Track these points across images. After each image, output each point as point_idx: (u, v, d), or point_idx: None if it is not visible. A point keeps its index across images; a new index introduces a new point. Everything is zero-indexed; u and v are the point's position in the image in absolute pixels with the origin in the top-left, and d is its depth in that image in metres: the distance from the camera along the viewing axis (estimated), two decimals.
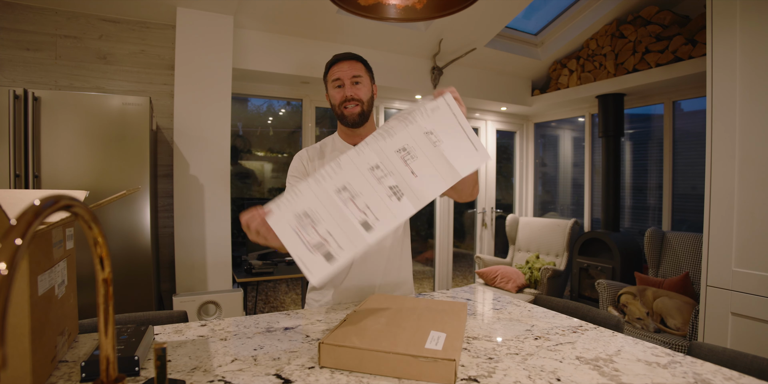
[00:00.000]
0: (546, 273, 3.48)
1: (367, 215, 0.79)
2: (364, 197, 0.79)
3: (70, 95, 1.91)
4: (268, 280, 2.88)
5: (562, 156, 4.62)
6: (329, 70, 1.27)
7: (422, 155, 0.81)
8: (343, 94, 1.24)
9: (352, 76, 1.23)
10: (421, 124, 0.82)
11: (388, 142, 0.81)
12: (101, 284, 0.48)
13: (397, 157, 0.81)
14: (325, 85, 1.31)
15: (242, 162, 3.69)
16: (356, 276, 1.30)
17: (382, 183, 0.80)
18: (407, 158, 0.81)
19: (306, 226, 0.78)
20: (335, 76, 1.24)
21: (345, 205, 0.79)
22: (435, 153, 0.82)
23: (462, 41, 3.39)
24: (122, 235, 2.01)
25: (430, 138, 0.82)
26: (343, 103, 1.23)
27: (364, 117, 1.25)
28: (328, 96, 1.31)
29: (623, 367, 0.79)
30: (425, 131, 0.82)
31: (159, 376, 0.61)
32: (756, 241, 1.87)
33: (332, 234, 0.77)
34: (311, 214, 0.79)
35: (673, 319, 2.49)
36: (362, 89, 1.25)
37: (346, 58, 1.26)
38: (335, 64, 1.26)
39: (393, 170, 0.80)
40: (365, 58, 1.30)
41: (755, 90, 1.89)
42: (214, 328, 0.99)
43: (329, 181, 0.80)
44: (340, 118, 1.27)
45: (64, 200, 0.40)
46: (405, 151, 0.80)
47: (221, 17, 2.61)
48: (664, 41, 3.06)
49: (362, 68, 1.26)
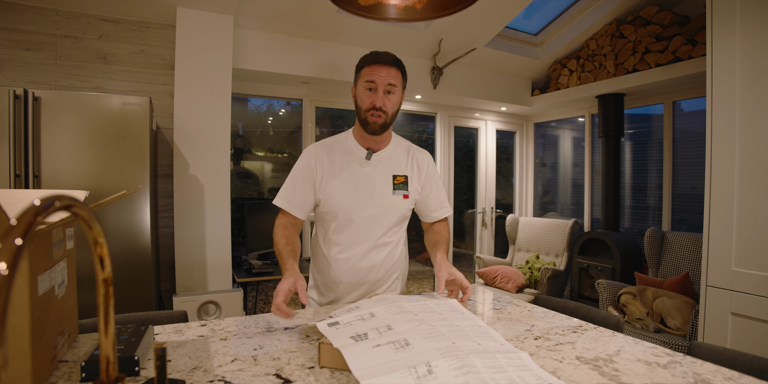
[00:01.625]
0: (546, 273, 3.48)
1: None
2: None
3: (70, 95, 1.91)
4: (268, 280, 2.88)
5: (562, 156, 4.62)
6: (365, 67, 1.22)
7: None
8: (372, 100, 1.20)
9: (388, 83, 1.19)
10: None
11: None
12: (101, 284, 0.48)
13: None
14: (356, 77, 1.26)
15: (242, 162, 3.69)
16: (356, 275, 1.30)
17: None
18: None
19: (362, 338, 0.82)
20: (370, 77, 1.20)
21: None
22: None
23: (462, 41, 3.39)
24: (122, 235, 2.01)
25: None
26: (370, 110, 1.21)
27: (385, 127, 1.24)
28: (354, 89, 1.27)
29: (623, 367, 0.79)
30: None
31: (159, 376, 0.61)
32: (756, 241, 1.87)
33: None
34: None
35: (673, 319, 2.49)
36: (392, 100, 1.22)
37: (387, 62, 1.21)
38: (374, 65, 1.20)
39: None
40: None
41: (755, 90, 1.89)
42: (214, 328, 0.99)
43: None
44: (362, 122, 1.24)
45: (64, 200, 0.40)
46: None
47: (221, 17, 2.61)
48: (664, 41, 3.06)
49: (399, 77, 1.22)
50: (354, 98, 1.28)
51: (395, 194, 1.29)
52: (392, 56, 1.23)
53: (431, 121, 4.25)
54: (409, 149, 1.37)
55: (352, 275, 1.30)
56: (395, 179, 1.30)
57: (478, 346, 0.80)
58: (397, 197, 1.29)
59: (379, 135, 1.25)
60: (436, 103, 4.08)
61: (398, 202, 1.30)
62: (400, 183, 1.30)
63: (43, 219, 0.36)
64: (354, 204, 1.25)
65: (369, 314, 0.92)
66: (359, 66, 1.25)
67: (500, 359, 0.77)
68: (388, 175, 1.30)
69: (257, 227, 3.00)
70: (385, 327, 0.85)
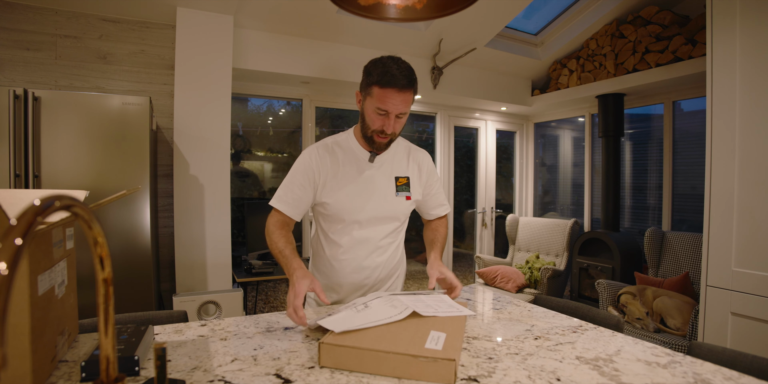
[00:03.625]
0: (546, 273, 3.48)
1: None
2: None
3: (70, 95, 1.91)
4: (268, 280, 2.88)
5: (562, 156, 4.62)
6: (378, 88, 1.13)
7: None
8: (382, 124, 1.17)
9: (400, 112, 1.16)
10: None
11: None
12: (101, 284, 0.48)
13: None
14: (366, 92, 1.18)
15: (242, 162, 3.69)
16: (359, 276, 1.30)
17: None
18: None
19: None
20: (383, 104, 1.13)
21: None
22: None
23: (462, 41, 3.39)
24: (122, 235, 2.01)
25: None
26: (379, 133, 1.19)
27: (389, 144, 1.25)
28: (360, 96, 1.22)
29: (623, 367, 0.79)
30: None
31: (159, 376, 0.61)
32: (756, 241, 1.87)
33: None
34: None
35: (673, 319, 2.49)
36: (401, 122, 1.21)
37: (403, 86, 1.12)
38: (388, 89, 1.12)
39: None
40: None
41: (755, 90, 1.89)
42: (214, 328, 0.99)
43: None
44: (367, 139, 1.23)
45: (64, 200, 0.40)
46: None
47: (221, 17, 2.61)
48: (664, 41, 3.06)
49: (411, 100, 1.18)
50: (360, 107, 1.23)
51: (398, 196, 1.30)
52: (407, 76, 1.13)
53: (431, 121, 4.25)
54: (409, 150, 1.37)
55: (355, 276, 1.30)
56: (398, 181, 1.30)
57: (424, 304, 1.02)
58: (400, 199, 1.30)
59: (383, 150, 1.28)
60: (436, 103, 4.08)
61: (401, 204, 1.30)
62: (403, 184, 1.31)
63: (43, 219, 0.36)
64: (359, 207, 1.25)
65: (363, 306, 0.99)
66: (371, 81, 1.15)
67: (425, 299, 1.05)
68: (390, 177, 1.30)
69: (257, 227, 3.00)
70: (363, 305, 1.00)
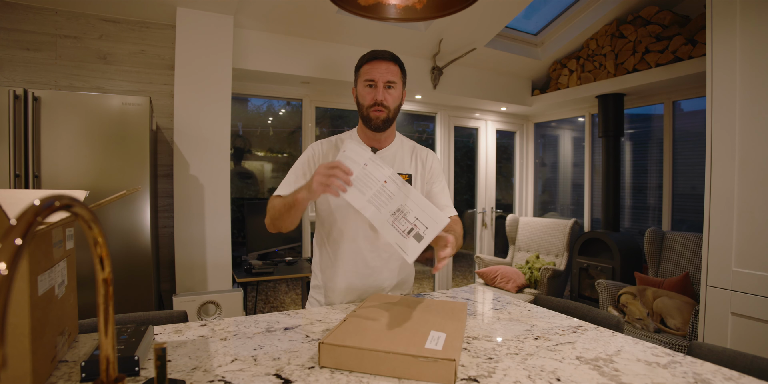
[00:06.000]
0: (546, 273, 3.48)
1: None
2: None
3: (70, 95, 1.91)
4: (268, 280, 2.88)
5: (562, 156, 4.62)
6: (364, 65, 1.23)
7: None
8: (373, 96, 1.21)
9: (387, 80, 1.20)
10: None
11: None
12: (101, 284, 0.48)
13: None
14: (356, 77, 1.28)
15: (242, 162, 3.69)
16: (362, 275, 1.30)
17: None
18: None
19: (399, 218, 1.02)
20: (369, 75, 1.21)
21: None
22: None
23: (462, 41, 3.39)
24: (122, 235, 2.01)
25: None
26: (372, 106, 1.21)
27: (388, 123, 1.25)
28: (355, 90, 1.29)
29: (623, 367, 0.79)
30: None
31: (159, 376, 0.61)
32: (756, 241, 1.87)
33: (419, 219, 1.01)
34: (402, 208, 1.03)
35: (673, 319, 2.49)
36: (393, 95, 1.23)
37: (385, 58, 1.22)
38: (372, 62, 1.22)
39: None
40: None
41: (755, 90, 1.89)
42: (214, 328, 0.99)
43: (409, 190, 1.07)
44: (364, 120, 1.25)
45: (64, 200, 0.40)
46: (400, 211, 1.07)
47: (221, 17, 2.61)
48: (664, 41, 3.06)
49: (398, 73, 1.23)
50: (355, 98, 1.28)
51: None
52: (389, 52, 1.24)
53: (431, 121, 4.25)
54: (414, 148, 1.38)
55: (358, 275, 1.30)
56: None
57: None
58: None
59: (383, 131, 1.26)
60: (436, 103, 4.08)
61: None
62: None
63: (43, 219, 0.36)
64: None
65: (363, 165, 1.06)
66: (358, 65, 1.26)
67: (414, 198, 1.06)
68: None
69: (257, 227, 3.00)
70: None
